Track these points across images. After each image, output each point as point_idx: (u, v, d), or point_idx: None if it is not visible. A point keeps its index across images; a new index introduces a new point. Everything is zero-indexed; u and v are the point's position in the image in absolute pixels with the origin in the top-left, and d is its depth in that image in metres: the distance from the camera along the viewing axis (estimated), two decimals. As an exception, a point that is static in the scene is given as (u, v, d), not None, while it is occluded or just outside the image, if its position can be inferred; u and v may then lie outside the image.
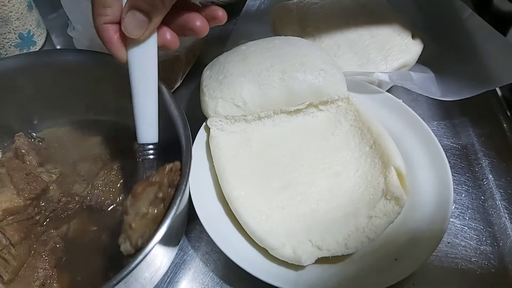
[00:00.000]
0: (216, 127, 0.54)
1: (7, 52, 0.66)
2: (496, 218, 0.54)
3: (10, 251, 0.43)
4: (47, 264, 0.44)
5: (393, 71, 0.60)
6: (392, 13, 0.68)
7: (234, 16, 0.78)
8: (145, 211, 0.37)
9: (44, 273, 0.43)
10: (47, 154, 0.52)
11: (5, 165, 0.47)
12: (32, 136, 0.54)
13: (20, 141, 0.50)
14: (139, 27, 0.38)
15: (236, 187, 0.49)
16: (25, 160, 0.49)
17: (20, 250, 0.43)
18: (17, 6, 0.62)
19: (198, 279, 0.49)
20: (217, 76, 0.55)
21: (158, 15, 0.38)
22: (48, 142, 0.54)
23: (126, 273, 0.33)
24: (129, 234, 0.37)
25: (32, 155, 0.50)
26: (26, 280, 0.43)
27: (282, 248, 0.44)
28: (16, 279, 0.43)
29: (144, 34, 0.39)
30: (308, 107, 0.56)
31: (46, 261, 0.44)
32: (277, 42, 0.59)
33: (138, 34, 0.38)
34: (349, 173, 0.51)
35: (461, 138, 0.62)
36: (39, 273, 0.43)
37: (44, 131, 0.55)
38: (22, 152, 0.49)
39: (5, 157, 0.50)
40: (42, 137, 0.54)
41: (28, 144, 0.50)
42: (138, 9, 0.37)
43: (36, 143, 0.53)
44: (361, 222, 0.45)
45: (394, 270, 0.44)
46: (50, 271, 0.44)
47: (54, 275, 0.44)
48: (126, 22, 0.38)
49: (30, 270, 0.43)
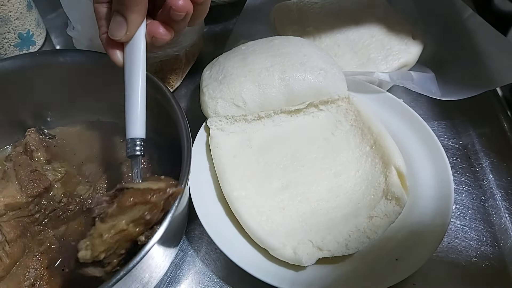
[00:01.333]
0: (216, 127, 0.54)
1: (7, 52, 0.65)
2: (497, 219, 0.54)
3: (4, 247, 0.42)
4: (39, 264, 0.43)
5: (393, 71, 0.60)
6: (393, 13, 0.68)
7: (234, 16, 0.78)
8: (123, 228, 0.34)
9: (35, 273, 0.43)
10: (55, 151, 0.52)
11: (12, 160, 0.47)
12: (44, 132, 0.54)
13: (31, 136, 0.50)
14: (119, 28, 0.40)
15: (236, 188, 0.49)
16: (34, 156, 0.49)
17: (14, 248, 0.43)
18: (17, 6, 0.62)
19: (198, 279, 0.49)
20: (217, 76, 0.55)
21: (132, 13, 0.39)
22: (58, 139, 0.54)
23: (124, 273, 0.33)
24: (95, 244, 0.33)
25: (41, 152, 0.50)
26: (16, 279, 0.42)
27: (283, 248, 0.44)
28: (7, 276, 0.42)
29: (127, 35, 0.40)
30: (308, 107, 0.56)
31: (39, 261, 0.44)
32: (277, 42, 0.59)
33: (119, 35, 0.40)
34: (350, 173, 0.51)
35: (462, 138, 0.62)
36: (30, 272, 0.43)
37: (56, 129, 0.55)
38: (31, 148, 0.49)
39: (15, 151, 0.50)
40: (54, 134, 0.55)
41: (38, 141, 0.50)
42: (116, 11, 0.39)
43: (47, 140, 0.53)
44: (362, 222, 0.45)
45: (395, 270, 0.44)
46: (42, 271, 0.43)
47: (45, 276, 0.43)
48: (110, 27, 0.40)
49: (22, 269, 0.43)
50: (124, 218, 0.34)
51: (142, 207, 0.34)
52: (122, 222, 0.33)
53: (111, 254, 0.34)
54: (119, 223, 0.33)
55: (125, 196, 0.34)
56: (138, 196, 0.34)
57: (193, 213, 0.47)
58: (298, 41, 0.59)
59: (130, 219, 0.34)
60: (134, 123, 0.41)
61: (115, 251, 0.34)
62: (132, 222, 0.34)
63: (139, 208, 0.34)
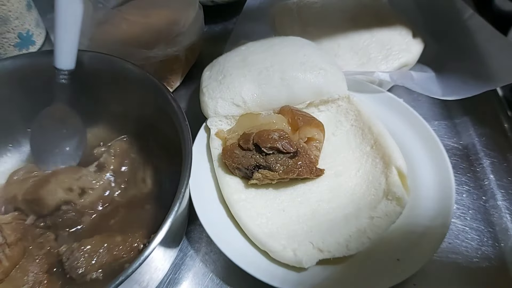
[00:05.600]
0: (216, 128, 0.53)
1: (6, 52, 0.65)
2: (497, 219, 0.53)
3: (4, 250, 0.42)
4: (39, 268, 0.43)
5: (394, 71, 0.60)
6: (393, 13, 0.67)
7: (234, 16, 0.78)
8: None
9: (34, 277, 0.42)
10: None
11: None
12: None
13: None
14: None
15: (236, 190, 0.49)
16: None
17: (14, 251, 0.42)
18: (16, 5, 0.62)
19: (198, 280, 0.49)
20: (217, 76, 0.55)
21: None
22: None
23: (124, 278, 0.32)
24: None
25: None
26: (15, 283, 0.42)
27: (283, 251, 0.44)
28: (6, 280, 0.42)
29: None
30: (308, 106, 0.56)
31: (39, 266, 0.43)
32: (277, 42, 0.59)
33: None
34: (350, 173, 0.51)
35: (462, 138, 0.62)
36: (29, 276, 0.42)
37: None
38: None
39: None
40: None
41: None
42: None
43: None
44: (363, 223, 0.45)
45: (396, 270, 0.44)
46: (41, 276, 0.43)
47: (44, 281, 0.42)
48: None
49: (21, 272, 0.42)
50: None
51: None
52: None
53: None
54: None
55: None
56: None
57: (193, 214, 0.47)
58: (298, 41, 0.59)
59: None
60: (65, 54, 0.42)
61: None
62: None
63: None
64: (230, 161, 0.49)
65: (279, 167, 0.48)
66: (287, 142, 0.48)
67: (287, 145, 0.48)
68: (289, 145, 0.48)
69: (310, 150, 0.49)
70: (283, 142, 0.48)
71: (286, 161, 0.48)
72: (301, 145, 0.49)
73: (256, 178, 0.48)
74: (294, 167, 0.48)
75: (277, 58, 0.55)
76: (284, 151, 0.48)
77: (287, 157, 0.48)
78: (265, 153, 0.48)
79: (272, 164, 0.48)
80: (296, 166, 0.48)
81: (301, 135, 0.50)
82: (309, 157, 0.49)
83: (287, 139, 0.48)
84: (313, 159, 0.49)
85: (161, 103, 0.46)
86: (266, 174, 0.48)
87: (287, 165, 0.48)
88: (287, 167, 0.48)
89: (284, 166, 0.48)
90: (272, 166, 0.47)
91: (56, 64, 0.44)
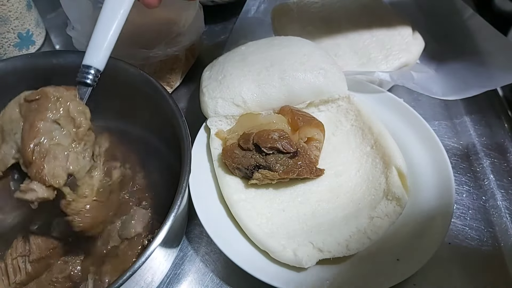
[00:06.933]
0: (216, 128, 0.53)
1: (6, 52, 0.65)
2: (497, 219, 0.53)
3: (25, 262, 0.41)
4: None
5: (394, 71, 0.60)
6: (393, 13, 0.67)
7: (234, 16, 0.78)
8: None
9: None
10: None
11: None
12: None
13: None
14: None
15: (236, 190, 0.49)
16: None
17: (35, 268, 0.42)
18: (16, 5, 0.62)
19: (198, 280, 0.49)
20: (217, 76, 0.55)
21: None
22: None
23: (129, 274, 0.32)
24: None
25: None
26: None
27: (283, 251, 0.44)
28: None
29: None
30: (308, 106, 0.56)
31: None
32: (277, 42, 0.59)
33: None
34: (350, 173, 0.51)
35: (462, 138, 0.62)
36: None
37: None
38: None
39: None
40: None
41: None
42: None
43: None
44: (363, 223, 0.45)
45: (396, 270, 0.44)
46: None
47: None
48: None
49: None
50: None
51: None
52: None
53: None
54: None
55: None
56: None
57: (193, 213, 0.47)
58: (298, 41, 0.59)
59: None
60: (98, 51, 0.39)
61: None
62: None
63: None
64: (230, 161, 0.49)
65: (279, 167, 0.48)
66: (287, 142, 0.48)
67: (287, 145, 0.48)
68: (289, 145, 0.48)
69: (310, 150, 0.49)
70: (283, 142, 0.48)
71: (286, 161, 0.48)
72: (301, 145, 0.49)
73: (256, 178, 0.48)
74: (294, 167, 0.48)
75: (277, 58, 0.55)
76: (284, 151, 0.48)
77: (287, 157, 0.48)
78: (265, 153, 0.48)
79: (272, 164, 0.48)
80: (296, 166, 0.48)
81: (301, 135, 0.50)
82: (309, 157, 0.49)
83: (287, 139, 0.48)
84: (313, 159, 0.49)
85: (160, 102, 0.46)
86: (266, 174, 0.48)
87: (287, 165, 0.48)
88: (287, 167, 0.48)
89: (284, 166, 0.48)
90: (272, 166, 0.48)
91: (85, 60, 0.40)
